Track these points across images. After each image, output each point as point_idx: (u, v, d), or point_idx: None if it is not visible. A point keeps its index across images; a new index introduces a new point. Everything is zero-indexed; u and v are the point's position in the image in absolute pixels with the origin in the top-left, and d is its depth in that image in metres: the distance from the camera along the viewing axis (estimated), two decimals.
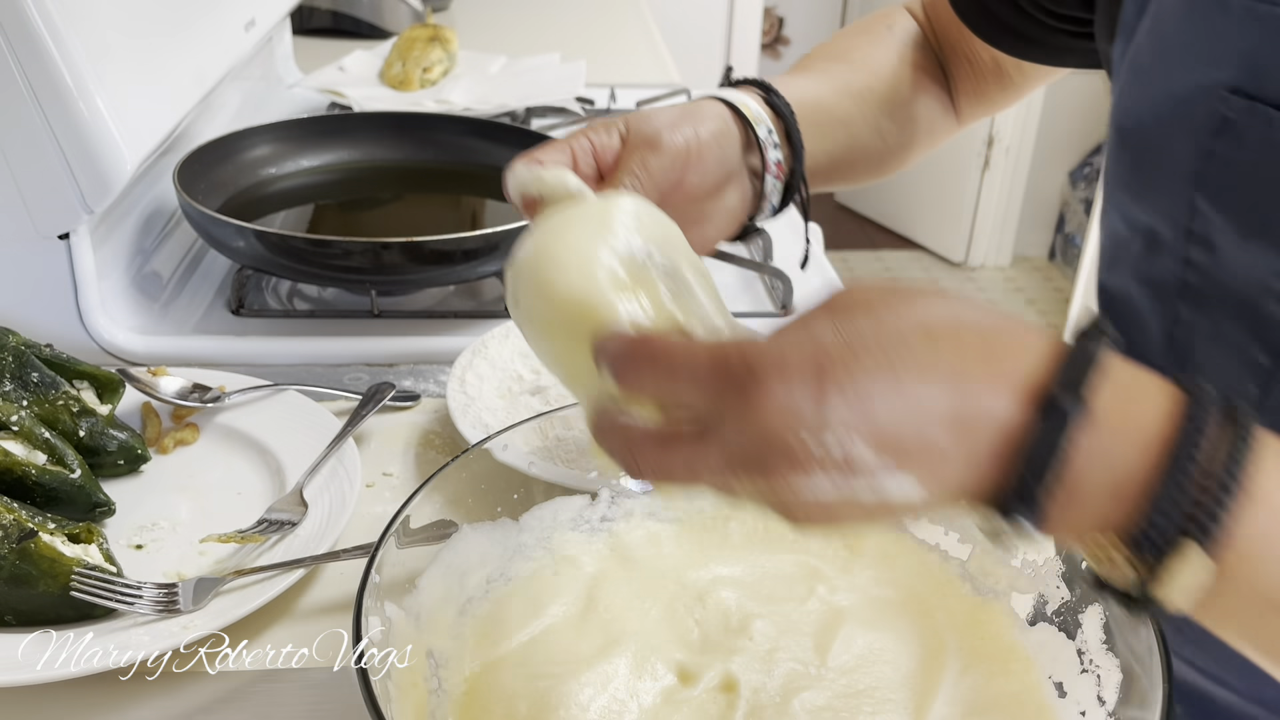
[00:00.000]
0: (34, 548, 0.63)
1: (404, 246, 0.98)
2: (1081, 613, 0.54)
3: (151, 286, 1.07)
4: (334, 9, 2.05)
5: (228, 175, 1.17)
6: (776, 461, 0.37)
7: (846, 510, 0.37)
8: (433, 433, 0.86)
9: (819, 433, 0.36)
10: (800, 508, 0.38)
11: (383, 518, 0.56)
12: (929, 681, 0.54)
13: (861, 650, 0.56)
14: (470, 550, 0.59)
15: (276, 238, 0.97)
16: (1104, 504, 0.36)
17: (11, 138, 0.88)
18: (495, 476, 0.62)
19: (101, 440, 0.77)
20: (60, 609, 0.64)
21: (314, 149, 1.25)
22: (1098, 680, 0.52)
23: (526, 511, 0.63)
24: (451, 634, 0.56)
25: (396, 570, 0.53)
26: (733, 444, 0.38)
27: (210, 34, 1.16)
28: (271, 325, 1.04)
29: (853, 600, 0.59)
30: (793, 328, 0.39)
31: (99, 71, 0.90)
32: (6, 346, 0.77)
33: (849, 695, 0.53)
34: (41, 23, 0.85)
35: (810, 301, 0.41)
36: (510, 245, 0.99)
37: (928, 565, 0.62)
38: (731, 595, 0.59)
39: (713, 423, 0.38)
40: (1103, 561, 0.36)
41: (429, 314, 1.06)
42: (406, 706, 0.49)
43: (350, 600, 0.49)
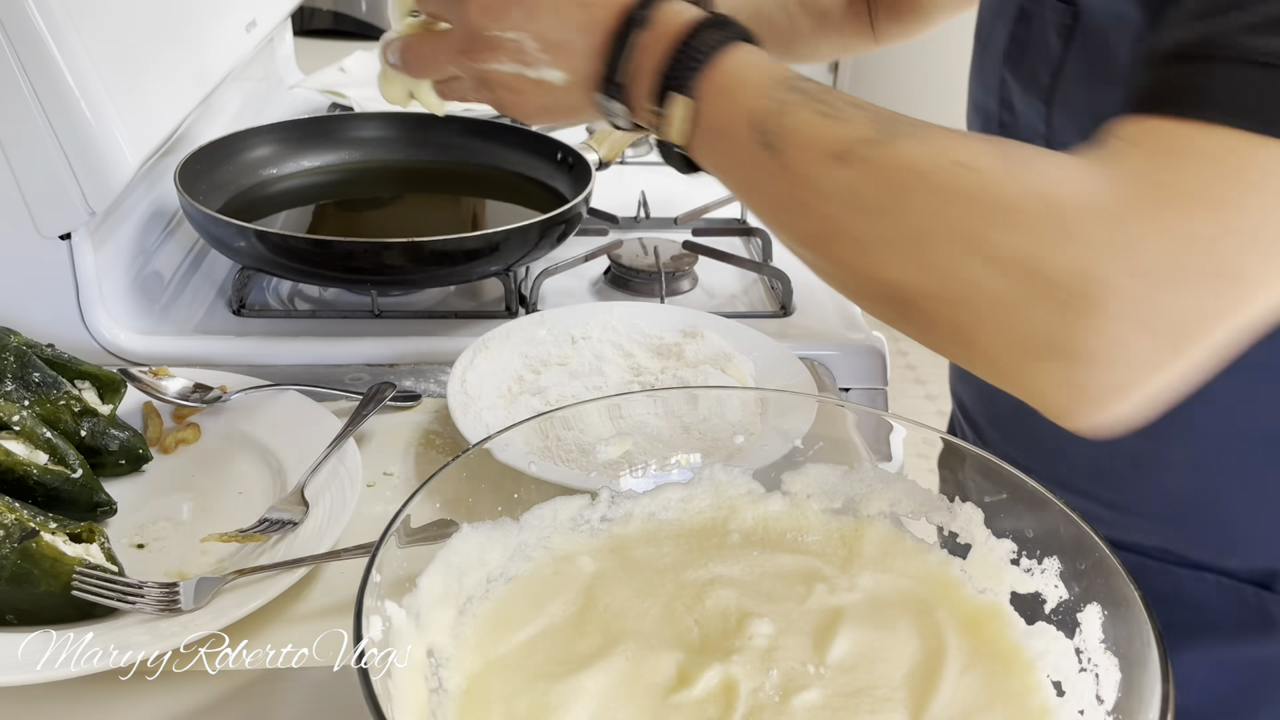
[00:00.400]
0: (36, 547, 0.64)
1: (405, 247, 0.98)
2: (1080, 612, 0.54)
3: (153, 287, 1.07)
4: (335, 10, 2.05)
5: (229, 176, 1.17)
6: (480, 48, 0.61)
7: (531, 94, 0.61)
8: (433, 433, 0.87)
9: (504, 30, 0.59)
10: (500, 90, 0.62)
11: (383, 517, 0.56)
12: (928, 681, 0.54)
13: (861, 649, 0.56)
14: (470, 550, 0.59)
15: (277, 238, 0.97)
16: (647, 79, 0.56)
17: (13, 138, 0.88)
18: (495, 476, 0.62)
19: (103, 440, 0.77)
20: (62, 608, 0.64)
21: (315, 149, 1.25)
22: (1096, 679, 0.52)
23: (527, 511, 0.63)
24: (452, 633, 0.56)
25: (397, 570, 0.53)
26: (457, 38, 0.62)
27: (211, 35, 1.16)
28: (272, 325, 1.04)
29: (852, 600, 0.59)
30: None
31: (101, 72, 0.90)
32: (8, 346, 0.77)
33: (848, 694, 0.53)
34: (44, 24, 0.85)
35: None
36: (511, 245, 0.99)
37: (928, 565, 0.62)
38: (731, 595, 0.59)
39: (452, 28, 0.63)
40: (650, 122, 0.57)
41: (429, 314, 1.06)
42: (407, 706, 0.49)
43: (351, 600, 0.49)
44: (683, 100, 0.55)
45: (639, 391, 0.76)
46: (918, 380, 2.98)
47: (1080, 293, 0.45)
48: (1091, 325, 0.45)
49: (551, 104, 0.62)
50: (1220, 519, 0.71)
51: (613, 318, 0.95)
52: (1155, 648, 0.47)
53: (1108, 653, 0.52)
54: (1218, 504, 0.71)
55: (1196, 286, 0.44)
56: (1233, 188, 0.44)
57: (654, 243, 1.15)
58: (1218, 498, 0.71)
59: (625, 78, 0.57)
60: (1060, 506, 0.56)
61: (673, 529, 0.65)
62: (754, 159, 0.53)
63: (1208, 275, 0.44)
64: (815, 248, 0.53)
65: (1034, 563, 0.57)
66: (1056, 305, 0.45)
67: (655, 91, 0.56)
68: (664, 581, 0.61)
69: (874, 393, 1.04)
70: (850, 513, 0.65)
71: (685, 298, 1.11)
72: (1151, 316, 0.45)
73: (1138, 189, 0.45)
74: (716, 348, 0.91)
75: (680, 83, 0.55)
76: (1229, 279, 0.44)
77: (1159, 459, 0.71)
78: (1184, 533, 0.73)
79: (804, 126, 0.52)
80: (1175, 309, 0.45)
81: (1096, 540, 0.53)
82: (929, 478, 0.63)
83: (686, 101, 0.55)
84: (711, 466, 0.67)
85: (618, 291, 1.12)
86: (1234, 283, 0.44)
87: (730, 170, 0.56)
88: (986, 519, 0.60)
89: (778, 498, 0.66)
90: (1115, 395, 0.47)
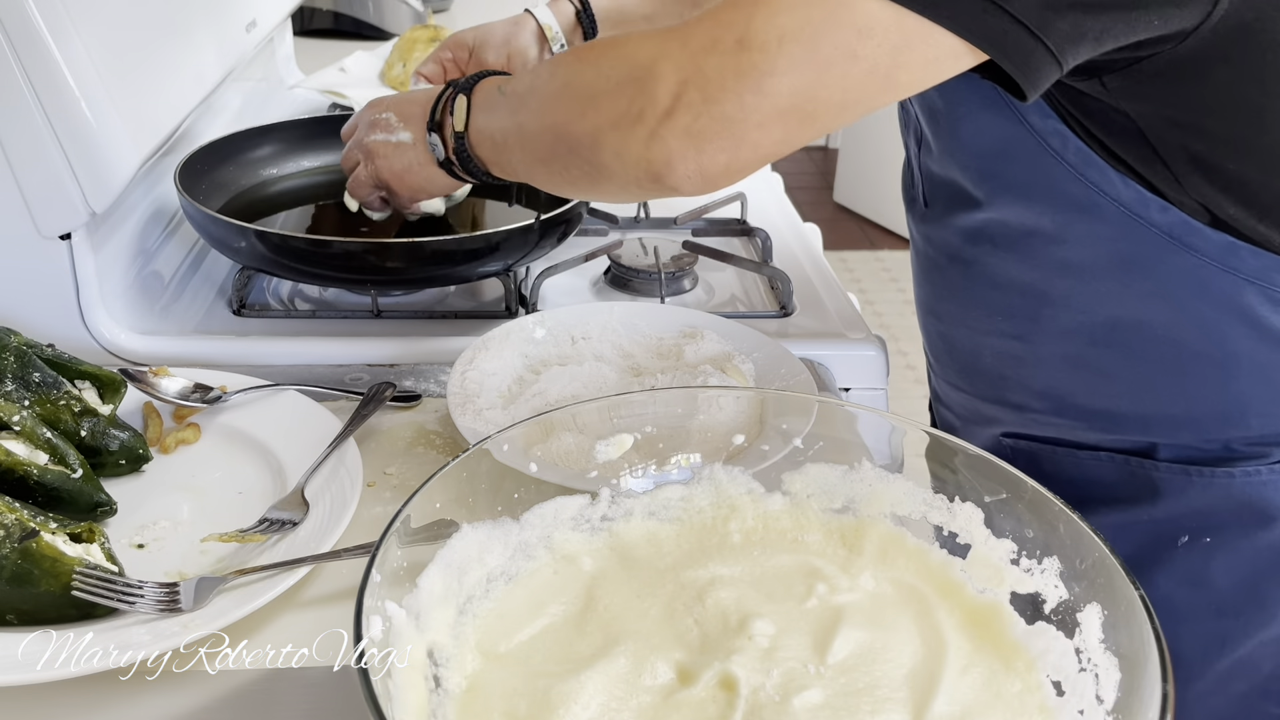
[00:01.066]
0: (36, 547, 0.64)
1: (405, 247, 0.98)
2: (1080, 612, 0.54)
3: (153, 287, 1.07)
4: (335, 10, 2.05)
5: (229, 176, 1.17)
6: (366, 127, 0.93)
7: (393, 156, 0.91)
8: (433, 432, 0.87)
9: (379, 113, 0.92)
10: (376, 158, 0.92)
11: (383, 517, 0.56)
12: (929, 681, 0.54)
13: (861, 649, 0.56)
14: (470, 549, 0.59)
15: (277, 238, 0.97)
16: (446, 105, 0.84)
17: (13, 138, 0.88)
18: (495, 476, 0.62)
19: (103, 440, 0.77)
20: (62, 608, 0.64)
21: (315, 149, 1.26)
22: (1096, 679, 0.52)
23: (527, 511, 0.63)
24: (452, 633, 0.56)
25: (397, 569, 0.53)
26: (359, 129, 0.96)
27: (211, 35, 1.16)
28: (272, 325, 1.04)
29: (852, 599, 0.59)
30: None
31: (101, 72, 0.90)
32: (8, 346, 0.77)
33: (848, 694, 0.53)
34: (44, 23, 0.85)
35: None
36: (511, 245, 0.99)
37: (928, 565, 0.62)
38: (731, 594, 0.59)
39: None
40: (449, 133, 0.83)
41: (429, 314, 1.06)
42: (407, 706, 0.49)
43: (351, 599, 0.49)
44: (462, 98, 0.82)
45: (639, 391, 0.76)
46: (918, 380, 2.98)
47: (650, 71, 0.66)
48: (657, 88, 0.65)
49: (406, 162, 0.90)
50: (1094, 403, 0.83)
51: (613, 318, 0.95)
52: (1155, 648, 0.47)
53: (1108, 653, 0.52)
54: (1088, 391, 0.83)
55: (725, 53, 0.63)
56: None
57: (654, 243, 1.15)
58: (1087, 385, 0.83)
59: (440, 115, 0.84)
60: (1060, 506, 0.56)
61: (673, 529, 0.65)
62: (494, 103, 0.80)
63: (731, 46, 0.63)
64: (519, 136, 0.77)
65: (1034, 563, 0.57)
66: (637, 84, 0.67)
67: (450, 108, 0.83)
68: (664, 581, 0.61)
69: (874, 393, 1.04)
70: (850, 512, 0.65)
71: (685, 298, 1.11)
72: (695, 75, 0.64)
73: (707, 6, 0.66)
74: (716, 348, 0.91)
75: (463, 90, 0.82)
76: (746, 47, 0.63)
77: (1035, 358, 0.84)
78: (1069, 420, 0.85)
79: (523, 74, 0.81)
80: (712, 69, 0.64)
81: (1096, 540, 0.53)
82: (929, 478, 0.63)
83: (464, 99, 0.82)
84: (711, 466, 0.67)
85: (618, 291, 1.12)
86: (750, 50, 0.63)
87: (486, 128, 0.80)
88: (986, 519, 0.60)
89: (778, 497, 0.66)
90: (690, 141, 0.65)
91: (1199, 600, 0.82)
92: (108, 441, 0.78)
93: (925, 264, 0.93)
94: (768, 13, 0.62)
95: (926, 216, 0.90)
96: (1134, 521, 0.82)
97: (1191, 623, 0.83)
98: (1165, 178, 0.71)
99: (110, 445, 0.78)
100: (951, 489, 0.61)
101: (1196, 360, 0.77)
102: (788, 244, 1.23)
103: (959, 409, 0.97)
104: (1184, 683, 0.83)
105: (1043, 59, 0.62)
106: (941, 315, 0.93)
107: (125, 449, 0.78)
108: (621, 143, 0.68)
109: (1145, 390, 0.80)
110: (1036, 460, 0.88)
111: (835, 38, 0.61)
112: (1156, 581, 0.82)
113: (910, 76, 0.64)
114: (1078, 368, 0.82)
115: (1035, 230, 0.78)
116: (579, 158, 0.72)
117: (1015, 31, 0.61)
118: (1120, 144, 0.71)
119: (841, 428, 0.67)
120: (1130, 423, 0.82)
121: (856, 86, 0.63)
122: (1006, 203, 0.79)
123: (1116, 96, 0.69)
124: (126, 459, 0.79)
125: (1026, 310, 0.82)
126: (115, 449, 0.78)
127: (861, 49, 0.62)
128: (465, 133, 0.81)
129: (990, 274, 0.83)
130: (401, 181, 0.91)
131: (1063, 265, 0.78)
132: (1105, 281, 0.77)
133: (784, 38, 0.62)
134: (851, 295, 1.14)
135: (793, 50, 0.62)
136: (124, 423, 0.81)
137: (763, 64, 0.63)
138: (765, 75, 0.63)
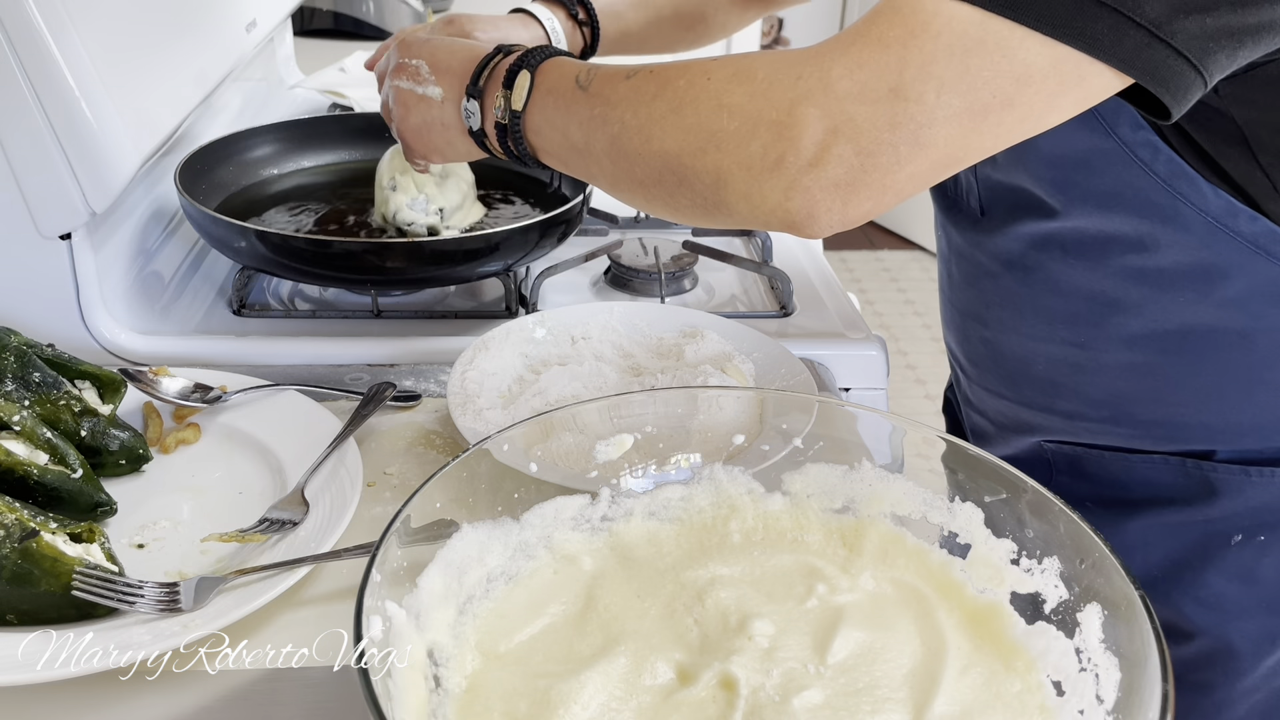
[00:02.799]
0: (36, 547, 0.64)
1: (405, 247, 0.98)
2: (1080, 612, 0.54)
3: (153, 286, 1.07)
4: (335, 10, 2.05)
5: (229, 176, 1.17)
6: (396, 70, 0.84)
7: (416, 108, 0.83)
8: (433, 432, 0.87)
9: (411, 57, 0.82)
10: (398, 105, 0.84)
11: (383, 517, 0.56)
12: (928, 680, 0.54)
13: (861, 649, 0.56)
14: (470, 549, 0.59)
15: (277, 238, 0.97)
16: (501, 75, 0.75)
17: (13, 138, 0.89)
18: (495, 476, 0.62)
19: (103, 440, 0.77)
20: (62, 608, 0.64)
21: (315, 149, 1.26)
22: (1096, 679, 0.52)
23: (527, 511, 0.63)
24: (452, 633, 0.56)
25: (397, 569, 0.53)
26: (390, 67, 0.86)
27: (211, 35, 1.16)
28: (272, 325, 1.04)
29: (852, 599, 0.59)
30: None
31: (101, 72, 0.90)
32: (8, 346, 0.77)
33: (848, 694, 0.53)
34: (44, 23, 0.85)
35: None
36: (510, 245, 0.99)
37: (928, 565, 0.62)
38: (730, 594, 0.59)
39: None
40: (497, 108, 0.75)
41: (429, 314, 1.06)
42: (407, 706, 0.49)
43: (351, 599, 0.49)
44: (526, 74, 0.74)
45: (639, 391, 0.76)
46: (918, 380, 2.98)
47: (791, 116, 0.60)
48: (800, 137, 0.60)
49: (429, 119, 0.82)
50: (1156, 413, 0.81)
51: (613, 318, 0.95)
52: (1155, 648, 0.47)
53: (1108, 653, 0.52)
54: (1152, 399, 0.81)
55: (878, 102, 0.59)
56: (912, 33, 0.58)
57: (654, 242, 1.15)
58: (1151, 393, 0.81)
59: (484, 82, 0.77)
60: (1060, 506, 0.56)
61: (673, 529, 0.65)
62: (572, 98, 0.71)
63: (883, 93, 0.59)
64: (612, 153, 0.69)
65: (1034, 563, 0.57)
66: (774, 129, 0.61)
67: (504, 78, 0.75)
68: (664, 581, 0.61)
69: (874, 393, 1.04)
70: (850, 513, 0.65)
71: (685, 298, 1.11)
72: (846, 125, 0.59)
73: (844, 37, 0.61)
74: (716, 348, 0.91)
75: (530, 66, 0.74)
76: (900, 96, 0.58)
77: (1096, 365, 0.82)
78: (1126, 428, 0.83)
79: (605, 70, 0.71)
80: (864, 119, 0.59)
81: (1096, 540, 0.53)
82: (929, 478, 0.63)
83: (528, 75, 0.74)
84: (711, 466, 0.67)
85: (618, 291, 1.12)
86: (905, 100, 0.58)
87: (554, 119, 0.73)
88: (986, 519, 0.60)
89: (778, 497, 0.66)
90: (829, 195, 0.61)
91: (1251, 597, 0.82)
92: (108, 441, 0.78)
93: (971, 271, 0.91)
94: (921, 60, 0.58)
95: (981, 225, 0.87)
96: (1188, 521, 0.82)
97: (1243, 619, 0.83)
98: (1262, 186, 0.71)
99: (110, 445, 0.78)
100: (952, 489, 0.61)
101: (1269, 368, 0.76)
102: (788, 244, 1.23)
103: (996, 416, 0.95)
104: (1233, 678, 0.84)
105: (1196, 86, 0.60)
106: (989, 322, 0.90)
107: (125, 449, 0.78)
108: (754, 188, 0.63)
109: (1212, 398, 0.79)
110: (1079, 463, 0.87)
111: (994, 87, 0.58)
112: (1209, 580, 0.82)
113: (1060, 115, 0.61)
114: (1142, 376, 0.80)
115: (1114, 238, 0.77)
116: (691, 190, 0.66)
117: (1177, 64, 0.59)
118: (1221, 150, 0.70)
119: (841, 428, 0.67)
120: (1192, 430, 0.81)
121: (1009, 132, 0.61)
122: (1085, 211, 0.77)
123: (1227, 102, 0.68)
124: (126, 459, 0.79)
125: (1092, 317, 0.81)
126: (115, 449, 0.78)
127: (1020, 96, 0.59)
128: (522, 114, 0.74)
129: (1054, 281, 0.82)
130: (418, 137, 0.84)
131: (1139, 273, 0.76)
132: (1182, 290, 0.76)
133: (942, 88, 0.58)
134: (851, 295, 1.14)
135: (951, 101, 0.59)
136: (124, 423, 0.81)
137: (919, 115, 0.59)
138: (922, 126, 0.59)
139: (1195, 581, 0.83)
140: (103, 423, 0.78)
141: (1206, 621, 0.83)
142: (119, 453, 0.78)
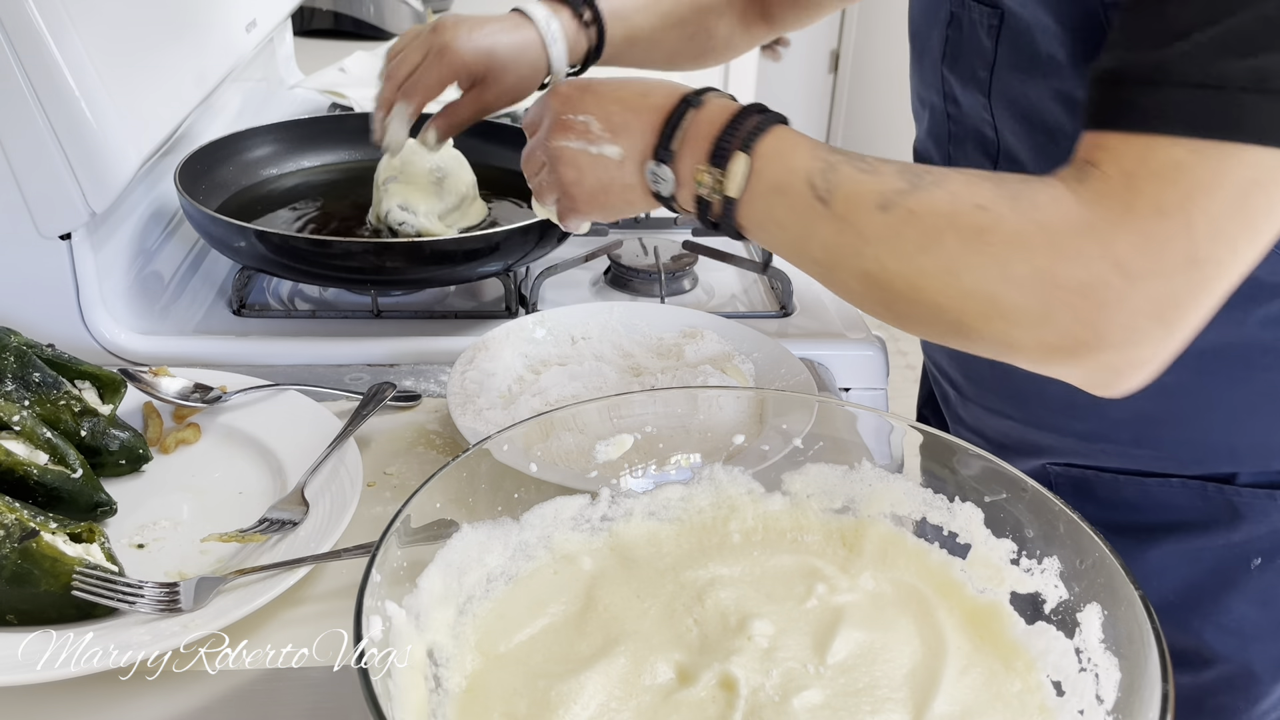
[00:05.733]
0: (36, 547, 0.64)
1: (405, 247, 0.98)
2: (1080, 612, 0.54)
3: (153, 287, 1.07)
4: (335, 10, 2.05)
5: (229, 176, 1.17)
6: (556, 129, 0.72)
7: (589, 169, 0.71)
8: (433, 433, 0.87)
9: (577, 114, 0.71)
10: (563, 166, 0.72)
11: (383, 517, 0.56)
12: (929, 681, 0.54)
13: (861, 649, 0.56)
14: (470, 549, 0.59)
15: (277, 238, 0.97)
16: (703, 144, 0.65)
17: (14, 138, 0.88)
18: (495, 476, 0.62)
19: (103, 440, 0.77)
20: (62, 608, 0.64)
21: (315, 149, 1.26)
22: (1096, 679, 0.52)
23: (527, 511, 0.63)
24: (452, 633, 0.56)
25: (397, 569, 0.53)
26: (543, 126, 0.74)
27: (211, 35, 1.16)
28: (272, 325, 1.04)
29: (852, 599, 0.59)
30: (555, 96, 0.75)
31: (101, 72, 0.90)
32: (8, 346, 0.77)
33: (848, 694, 0.53)
34: (44, 23, 0.85)
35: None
36: (510, 245, 0.99)
37: (928, 565, 0.62)
38: (730, 595, 0.59)
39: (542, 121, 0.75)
40: (700, 184, 0.65)
41: (429, 314, 1.06)
42: (407, 705, 0.49)
43: (351, 599, 0.49)
44: (743, 158, 0.63)
45: (639, 391, 0.76)
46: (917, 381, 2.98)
47: (1088, 300, 0.56)
48: (1102, 322, 0.57)
49: (606, 180, 0.71)
50: (1181, 434, 0.80)
51: (612, 318, 0.95)
52: (1155, 648, 0.47)
53: (1108, 652, 0.52)
54: (1180, 420, 0.79)
55: (1175, 275, 0.56)
56: (1188, 193, 0.55)
57: (654, 242, 1.15)
58: (1179, 414, 0.79)
59: (677, 145, 0.66)
60: (1060, 506, 0.56)
61: (673, 529, 0.65)
62: (810, 210, 0.62)
63: (1181, 265, 0.55)
64: (865, 285, 0.62)
65: (1034, 563, 0.57)
66: (1072, 313, 0.57)
67: (710, 153, 0.65)
68: (664, 581, 0.61)
69: (874, 393, 1.04)
70: (850, 513, 0.65)
71: (685, 298, 1.11)
72: (1146, 304, 0.56)
73: (1112, 206, 0.56)
74: (716, 348, 0.91)
75: (744, 144, 0.64)
76: (1199, 264, 0.56)
77: None
78: (1148, 450, 0.82)
79: (849, 181, 0.61)
80: (1163, 295, 0.56)
81: (1096, 540, 0.53)
82: (929, 478, 0.63)
83: (746, 159, 0.63)
84: (711, 466, 0.67)
85: (618, 291, 1.12)
86: (1204, 266, 0.56)
87: (784, 222, 0.64)
88: (986, 519, 0.60)
89: (778, 498, 0.66)
90: (1136, 369, 0.59)
91: (1270, 619, 0.82)
92: (108, 441, 0.78)
93: None
94: (1208, 218, 0.55)
95: None
96: (1207, 546, 0.81)
97: (1264, 641, 0.82)
98: None
99: (110, 445, 0.78)
100: (951, 489, 0.61)
101: None
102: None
103: (996, 435, 0.92)
104: (1253, 700, 0.84)
105: None
106: None
107: (125, 449, 0.78)
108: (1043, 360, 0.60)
109: (1245, 418, 0.78)
110: (1087, 485, 0.85)
111: (1272, 223, 0.57)
112: (1229, 605, 0.81)
113: None
114: (1172, 396, 0.76)
115: None
116: (968, 340, 0.61)
117: None
118: None
119: (841, 428, 0.67)
120: (1217, 453, 0.80)
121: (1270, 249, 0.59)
122: None
123: None
124: (126, 459, 0.79)
125: None
126: (115, 449, 0.78)
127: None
128: (737, 201, 0.64)
129: None
130: (594, 201, 0.73)
131: None
132: (1223, 308, 0.75)
133: (1235, 243, 0.56)
134: None
135: (1244, 251, 0.57)
136: (124, 423, 0.81)
137: (1217, 275, 0.57)
138: (1220, 282, 0.57)
139: (1215, 607, 0.82)
140: (103, 423, 0.78)
141: (1227, 647, 0.82)
142: (119, 453, 0.78)
